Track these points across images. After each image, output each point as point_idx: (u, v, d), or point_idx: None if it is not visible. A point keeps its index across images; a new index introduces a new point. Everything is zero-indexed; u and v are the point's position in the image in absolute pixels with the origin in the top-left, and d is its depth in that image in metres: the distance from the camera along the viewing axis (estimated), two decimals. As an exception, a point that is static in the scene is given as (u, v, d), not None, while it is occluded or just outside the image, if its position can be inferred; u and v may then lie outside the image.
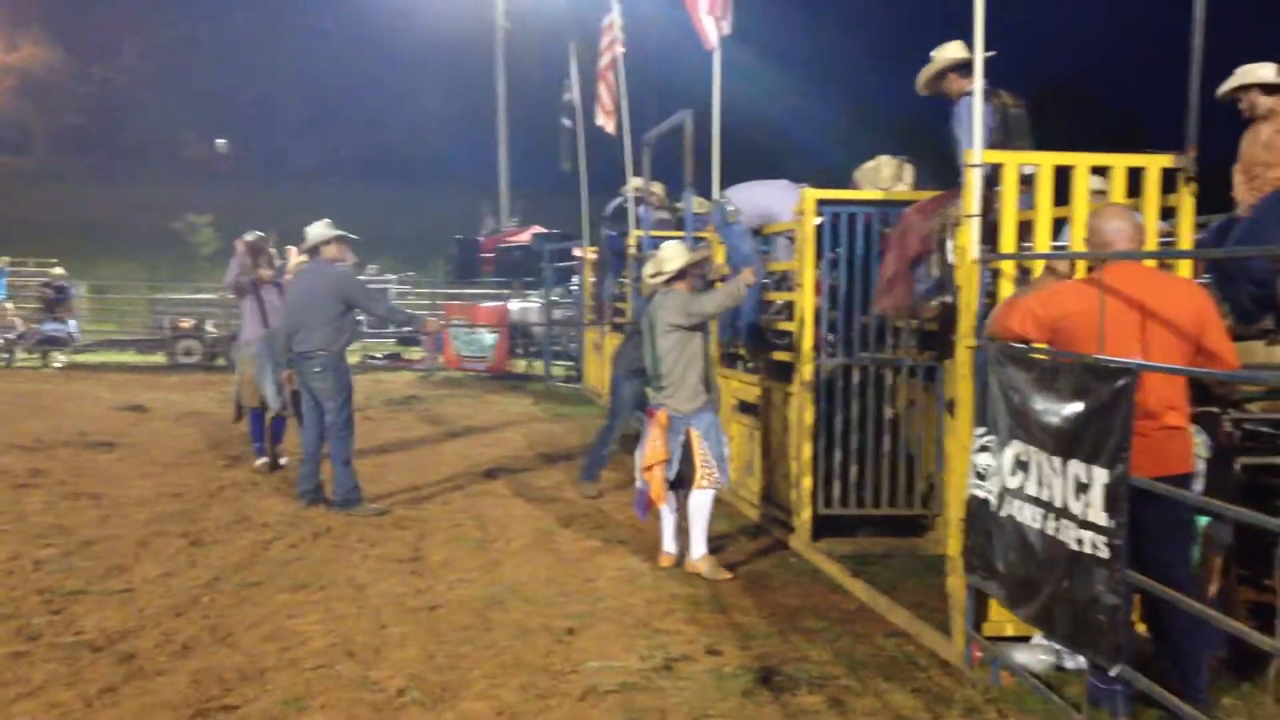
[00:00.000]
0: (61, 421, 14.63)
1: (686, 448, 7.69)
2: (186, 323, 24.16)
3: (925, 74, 7.32)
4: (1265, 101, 6.99)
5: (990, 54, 5.93)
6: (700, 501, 7.69)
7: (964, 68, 6.93)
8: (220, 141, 68.74)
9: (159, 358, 24.00)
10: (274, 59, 65.86)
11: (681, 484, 7.77)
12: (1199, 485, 5.04)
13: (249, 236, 11.58)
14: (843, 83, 56.62)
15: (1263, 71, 7.04)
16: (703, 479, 7.66)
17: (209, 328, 24.14)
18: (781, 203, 9.66)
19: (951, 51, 7.13)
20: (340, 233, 9.70)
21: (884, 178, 8.67)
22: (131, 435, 13.60)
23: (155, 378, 21.17)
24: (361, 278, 10.06)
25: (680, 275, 7.87)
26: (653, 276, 7.95)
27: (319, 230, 9.67)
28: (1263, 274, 6.72)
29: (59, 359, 23.55)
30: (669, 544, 7.88)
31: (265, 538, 8.49)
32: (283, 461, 11.35)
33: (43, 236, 37.98)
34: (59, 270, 25.20)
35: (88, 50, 65.69)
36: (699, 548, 7.69)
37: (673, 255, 7.92)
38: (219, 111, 66.39)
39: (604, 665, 5.79)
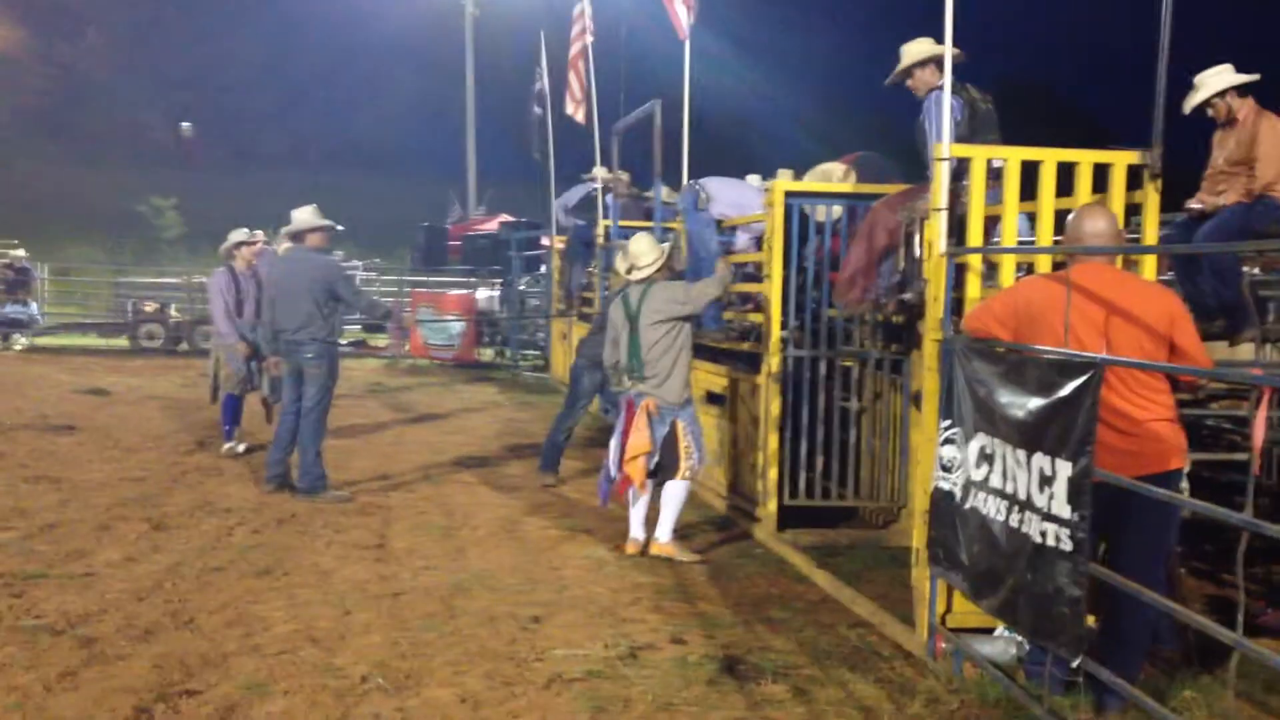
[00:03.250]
0: (22, 404, 14.49)
1: (670, 439, 7.73)
2: (150, 306, 23.97)
3: (895, 74, 7.35)
4: (1243, 105, 7.09)
5: (959, 53, 5.97)
6: (678, 490, 7.77)
7: (932, 63, 6.97)
8: (185, 125, 68.11)
9: (122, 341, 23.79)
10: (241, 43, 65.36)
11: (656, 473, 7.81)
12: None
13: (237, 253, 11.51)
14: (812, 75, 56.77)
15: (1234, 77, 7.12)
16: (685, 469, 7.75)
17: (172, 312, 23.96)
18: (754, 202, 9.71)
19: (920, 47, 7.16)
20: (327, 222, 9.64)
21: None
22: (93, 419, 13.49)
23: (118, 361, 21.01)
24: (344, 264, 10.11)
25: (657, 270, 7.89)
26: (627, 272, 7.94)
27: (306, 216, 9.58)
28: (1225, 270, 6.81)
29: (20, 341, 23.31)
30: (637, 531, 7.88)
31: (228, 523, 8.44)
32: (240, 448, 11.29)
33: (4, 218, 37.53)
34: (20, 252, 24.93)
35: (52, 31, 64.95)
36: (667, 532, 7.74)
37: (646, 250, 7.91)
38: (185, 96, 65.78)
39: (569, 653, 5.79)
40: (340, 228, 10.06)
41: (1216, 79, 7.15)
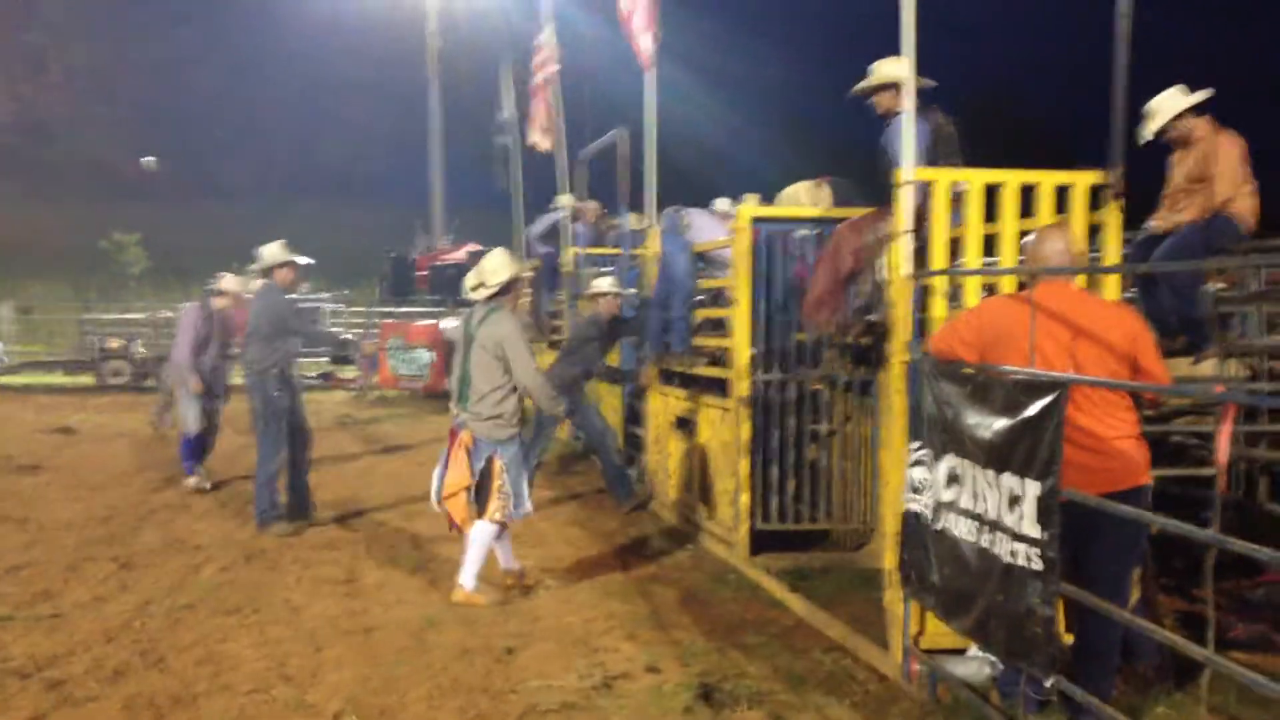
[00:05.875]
0: (-14, 445, 14.36)
1: (486, 474, 7.30)
2: (115, 343, 23.80)
3: (861, 85, 7.35)
4: (1199, 125, 7.16)
5: (929, 82, 6.03)
6: (483, 533, 7.32)
7: (894, 87, 7.00)
8: (147, 159, 67.89)
9: (87, 379, 23.61)
10: (203, 76, 65.22)
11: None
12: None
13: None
14: (774, 102, 57.16)
15: (1188, 99, 7.19)
16: (495, 510, 7.28)
17: (138, 348, 23.80)
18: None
19: (891, 69, 7.16)
20: (293, 257, 9.65)
21: (802, 203, 8.73)
22: (59, 458, 13.37)
23: (83, 399, 20.83)
24: (292, 296, 10.04)
25: (505, 290, 7.43)
26: (474, 289, 7.45)
27: (273, 252, 9.68)
28: (1183, 287, 6.89)
29: (-16, 381, 23.12)
30: (508, 562, 7.64)
31: (197, 561, 8.38)
32: (206, 485, 11.23)
33: (-33, 257, 37.28)
34: (-15, 291, 24.74)
35: (13, 69, 64.67)
36: (470, 578, 7.31)
37: (498, 266, 7.39)
38: (147, 129, 65.52)
39: (543, 685, 5.76)
40: (309, 261, 10.04)
41: (1170, 104, 7.21)
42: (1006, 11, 58.92)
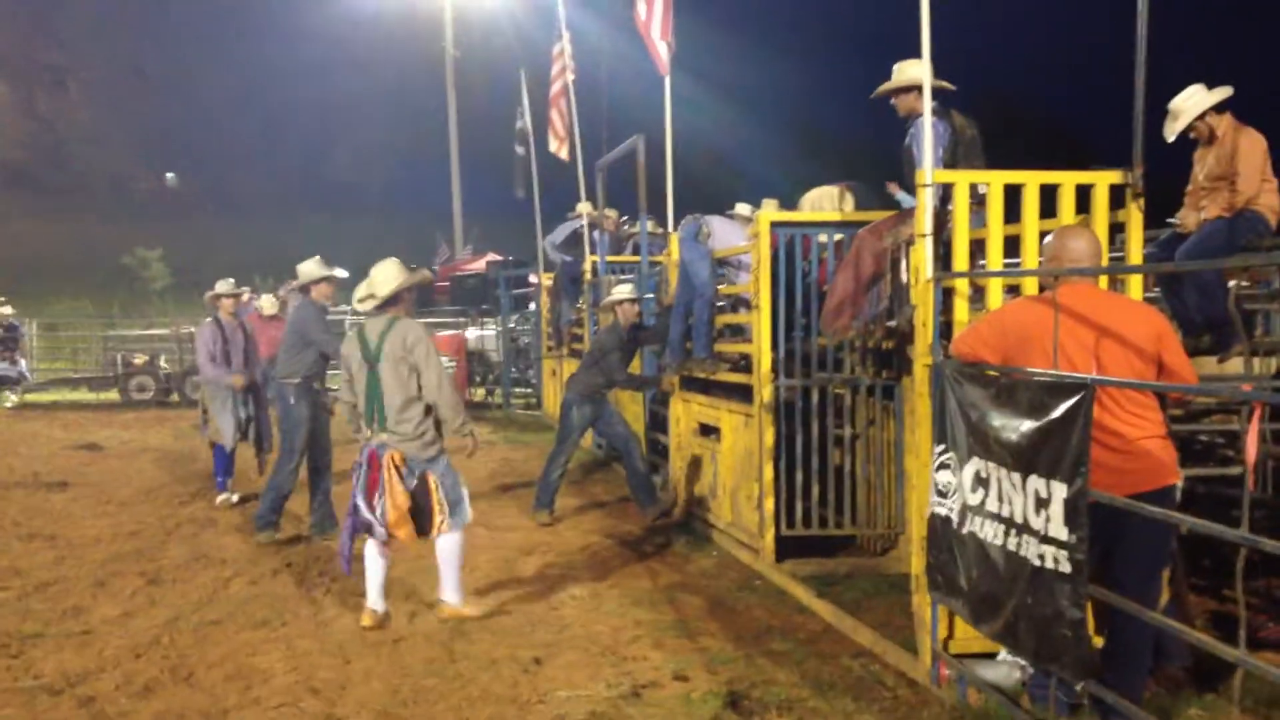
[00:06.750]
0: (14, 462, 14.44)
1: (423, 494, 7.03)
2: (139, 359, 23.89)
3: (884, 87, 7.34)
4: (1221, 122, 7.14)
5: (950, 86, 6.01)
6: (447, 547, 7.14)
7: (916, 90, 6.98)
8: (170, 175, 68.24)
9: (112, 395, 23.73)
10: (222, 91, 65.57)
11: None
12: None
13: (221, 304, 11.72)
14: (790, 110, 57.22)
15: (1210, 97, 7.16)
16: (443, 524, 7.04)
17: (162, 363, 23.91)
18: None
19: (911, 71, 7.13)
20: (329, 271, 9.71)
21: (824, 208, 8.70)
22: (86, 474, 13.44)
23: (109, 415, 20.93)
24: (324, 309, 9.98)
25: (394, 300, 7.11)
26: (361, 301, 7.11)
27: (310, 269, 9.74)
28: (1208, 284, 6.85)
29: (10, 399, 23.24)
30: (375, 601, 7.17)
31: (225, 575, 8.40)
32: (234, 499, 11.27)
33: (-9, 275, 37.50)
34: (8, 309, 24.81)
35: (33, 86, 65.16)
36: (453, 592, 7.22)
37: (387, 277, 7.09)
38: (167, 145, 65.92)
39: (571, 694, 5.76)
40: (344, 273, 10.09)
41: (1193, 103, 7.19)
42: (1023, 13, 58.86)
